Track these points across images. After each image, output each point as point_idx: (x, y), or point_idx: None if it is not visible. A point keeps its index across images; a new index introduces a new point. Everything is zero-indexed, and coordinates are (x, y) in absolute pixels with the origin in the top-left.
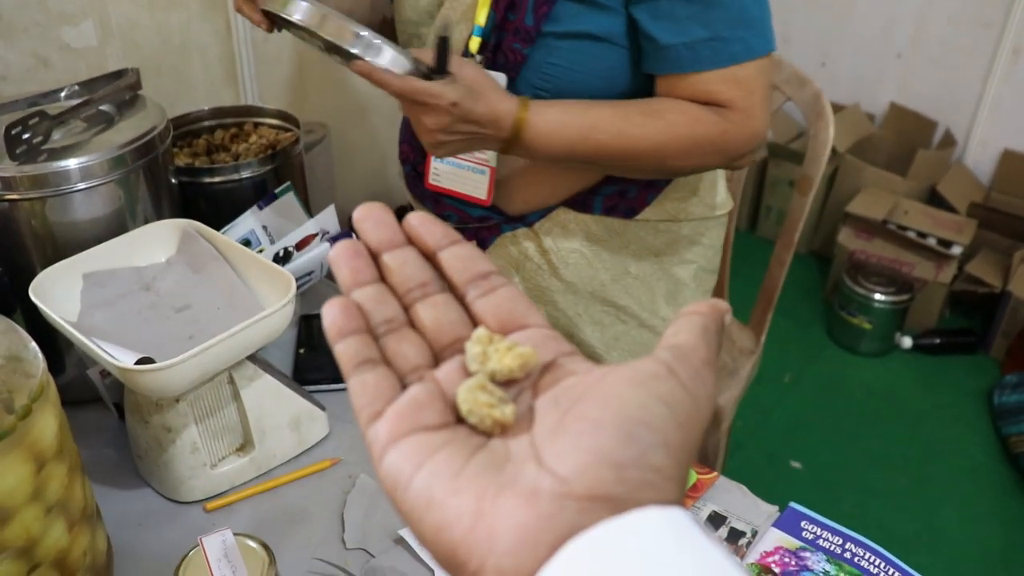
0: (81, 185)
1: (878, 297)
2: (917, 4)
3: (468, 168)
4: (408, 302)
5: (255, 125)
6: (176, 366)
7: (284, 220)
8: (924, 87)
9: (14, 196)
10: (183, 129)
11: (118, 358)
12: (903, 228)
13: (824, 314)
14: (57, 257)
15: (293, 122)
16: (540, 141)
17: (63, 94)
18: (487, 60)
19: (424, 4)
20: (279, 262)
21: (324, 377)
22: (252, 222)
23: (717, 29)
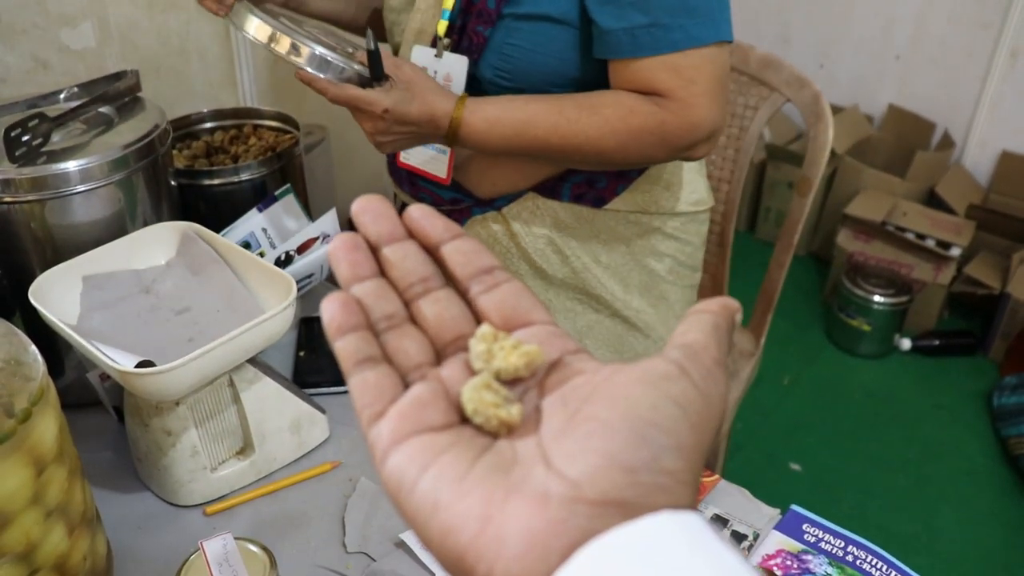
0: (80, 187)
1: (877, 299)
2: (916, 5)
3: (432, 148)
4: (409, 297)
5: (254, 127)
6: (176, 369)
7: (284, 222)
8: (923, 88)
9: (13, 198)
10: (182, 131)
11: (118, 361)
12: (902, 230)
13: (823, 316)
14: (56, 260)
15: (292, 124)
16: (477, 137)
17: (62, 96)
18: (453, 42)
19: None
20: (280, 266)
21: (324, 380)
22: (252, 224)
23: (657, 16)
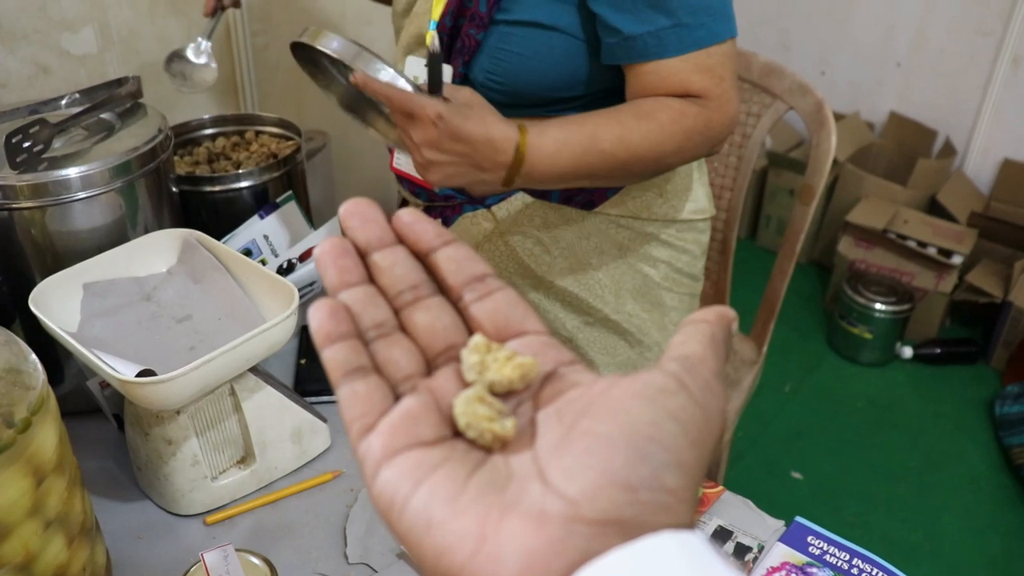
0: (81, 194)
1: (878, 307)
2: (917, 13)
3: None
4: (399, 305)
5: (256, 133)
6: (177, 379)
7: (286, 229)
8: (924, 96)
9: (14, 205)
10: (184, 137)
11: (118, 370)
12: (903, 237)
13: (824, 324)
14: (57, 267)
15: (294, 130)
16: (546, 162)
17: (64, 102)
18: (446, 44)
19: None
20: (282, 274)
21: (325, 389)
22: (253, 231)
23: (679, 16)
